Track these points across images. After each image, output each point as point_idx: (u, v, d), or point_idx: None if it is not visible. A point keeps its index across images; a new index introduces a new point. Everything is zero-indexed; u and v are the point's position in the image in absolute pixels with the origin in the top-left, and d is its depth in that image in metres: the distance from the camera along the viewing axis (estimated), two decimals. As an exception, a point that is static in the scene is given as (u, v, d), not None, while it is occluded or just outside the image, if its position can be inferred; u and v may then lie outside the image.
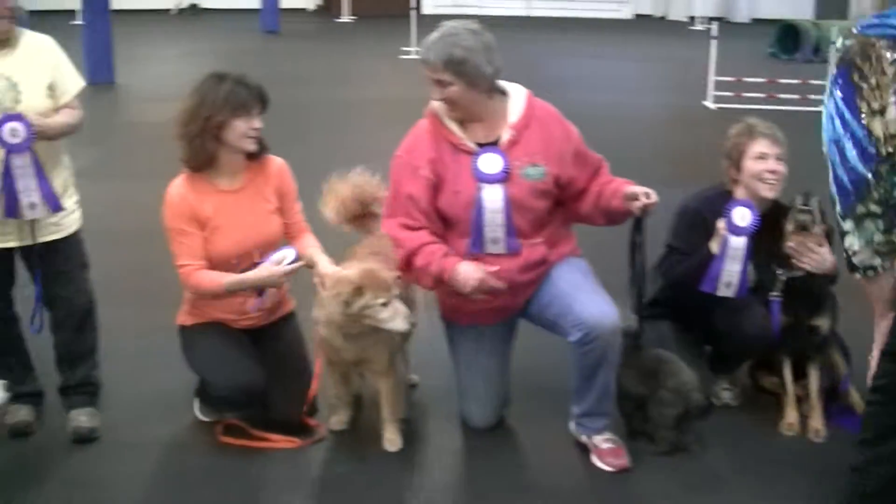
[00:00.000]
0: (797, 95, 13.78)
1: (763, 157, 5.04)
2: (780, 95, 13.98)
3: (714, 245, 4.92)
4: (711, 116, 13.96)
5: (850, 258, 3.55)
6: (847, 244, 3.53)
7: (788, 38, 20.58)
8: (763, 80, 14.83)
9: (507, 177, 4.63)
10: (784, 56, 20.27)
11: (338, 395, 5.03)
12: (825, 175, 3.57)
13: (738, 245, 4.85)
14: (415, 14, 19.97)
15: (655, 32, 25.93)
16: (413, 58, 19.21)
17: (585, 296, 4.64)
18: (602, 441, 4.76)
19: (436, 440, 5.08)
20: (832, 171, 3.50)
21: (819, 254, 4.89)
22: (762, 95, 14.06)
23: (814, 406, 5.05)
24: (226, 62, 19.34)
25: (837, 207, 3.53)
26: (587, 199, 4.81)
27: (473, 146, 4.67)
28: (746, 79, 14.86)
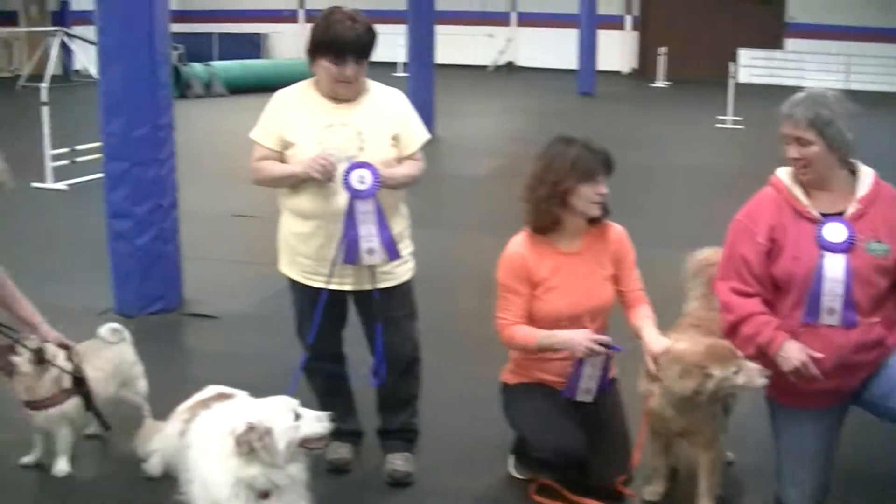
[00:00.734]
0: None
1: None
2: None
3: None
4: None
5: None
6: None
7: None
8: None
9: (851, 248, 4.48)
10: None
11: (655, 466, 4.97)
12: None
13: None
14: (732, 82, 19.72)
15: None
16: (730, 127, 18.97)
17: None
18: None
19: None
20: None
21: None
22: None
23: None
24: (541, 121, 19.74)
25: None
26: None
27: (818, 215, 4.55)
28: None
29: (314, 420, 4.33)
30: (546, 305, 4.79)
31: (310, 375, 5.17)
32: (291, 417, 4.29)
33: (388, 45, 4.80)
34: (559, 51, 30.50)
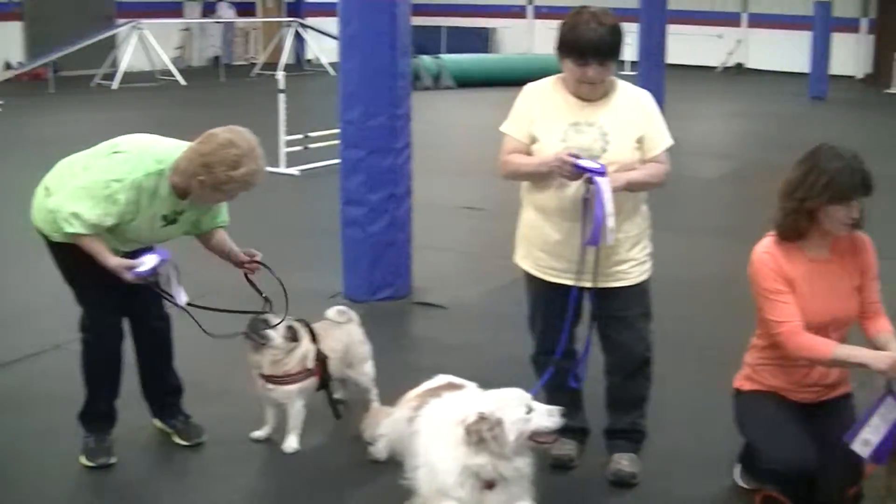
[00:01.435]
0: None
1: None
2: None
3: None
4: None
5: None
6: None
7: None
8: None
9: None
10: None
11: (888, 486, 4.77)
12: None
13: None
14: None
15: None
16: (973, 135, 18.14)
17: None
18: None
19: None
20: None
21: None
22: None
23: None
24: (771, 125, 19.31)
25: None
26: None
27: None
28: None
29: (545, 414, 4.33)
30: None
31: (539, 369, 5.15)
32: (523, 410, 4.30)
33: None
34: (790, 53, 29.76)
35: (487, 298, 8.00)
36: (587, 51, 4.64)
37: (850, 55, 29.92)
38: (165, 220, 4.93)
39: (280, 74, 14.20)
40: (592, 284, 4.87)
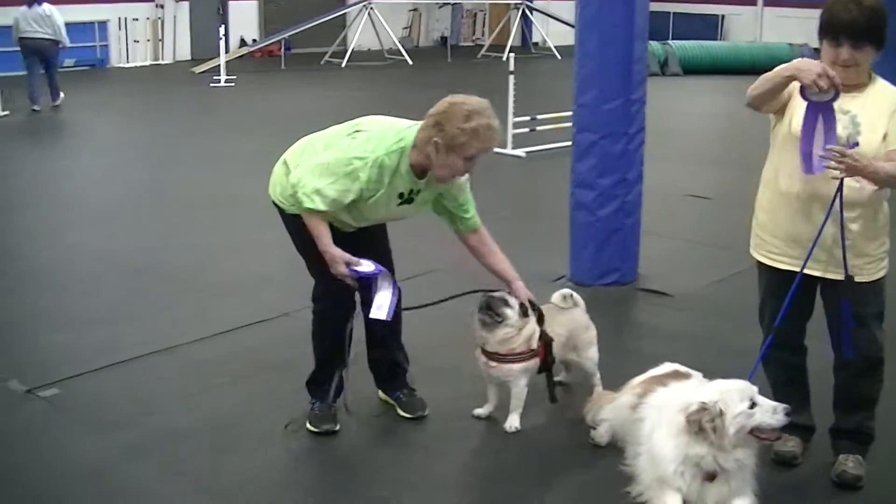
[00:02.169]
0: None
1: None
2: None
3: None
4: None
5: None
6: None
7: None
8: None
9: None
10: None
11: None
12: None
13: None
14: None
15: None
16: None
17: None
18: None
19: None
20: None
21: None
22: None
23: None
24: None
25: None
26: None
27: None
28: None
29: (769, 411, 4.28)
30: None
31: (767, 364, 5.07)
32: (747, 404, 4.26)
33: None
34: None
35: (713, 288, 7.91)
36: (840, 31, 4.56)
37: None
38: (401, 199, 5.05)
39: (509, 56, 14.31)
40: (822, 274, 4.76)
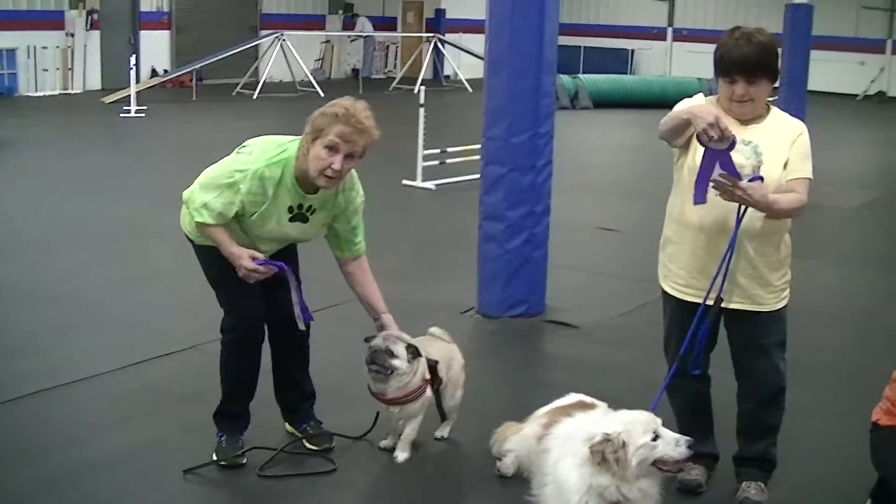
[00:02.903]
0: None
1: None
2: None
3: None
4: None
5: None
6: None
7: None
8: None
9: None
10: None
11: None
12: None
13: None
14: None
15: None
16: None
17: None
18: None
19: None
20: None
21: None
22: None
23: None
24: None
25: None
26: None
27: None
28: None
29: (672, 443, 4.32)
30: None
31: (672, 393, 5.11)
32: (650, 436, 4.30)
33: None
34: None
35: (621, 319, 7.97)
36: (733, 68, 4.66)
37: None
38: (291, 213, 5.03)
39: (420, 88, 14.36)
40: (724, 304, 4.83)
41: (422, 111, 13.57)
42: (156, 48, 26.99)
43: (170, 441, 5.49)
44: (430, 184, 13.36)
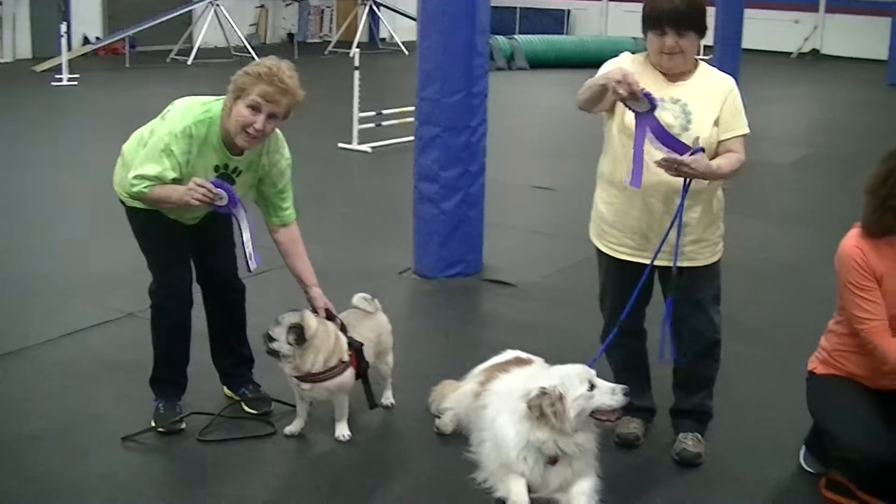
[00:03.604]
0: None
1: None
2: None
3: None
4: None
5: None
6: None
7: None
8: None
9: None
10: None
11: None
12: None
13: None
14: None
15: None
16: None
17: None
18: None
19: None
20: None
21: None
22: None
23: None
24: (847, 112, 19.13)
25: None
26: None
27: None
28: None
29: (608, 392, 4.37)
30: None
31: (609, 350, 5.13)
32: (586, 387, 4.34)
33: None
34: (868, 40, 29.34)
35: (556, 277, 8.00)
36: (663, 20, 4.67)
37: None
38: (218, 173, 4.96)
39: (355, 52, 14.28)
40: (659, 262, 4.85)
41: (356, 74, 13.49)
42: (87, 15, 26.53)
43: (108, 410, 5.43)
44: (367, 146, 13.30)
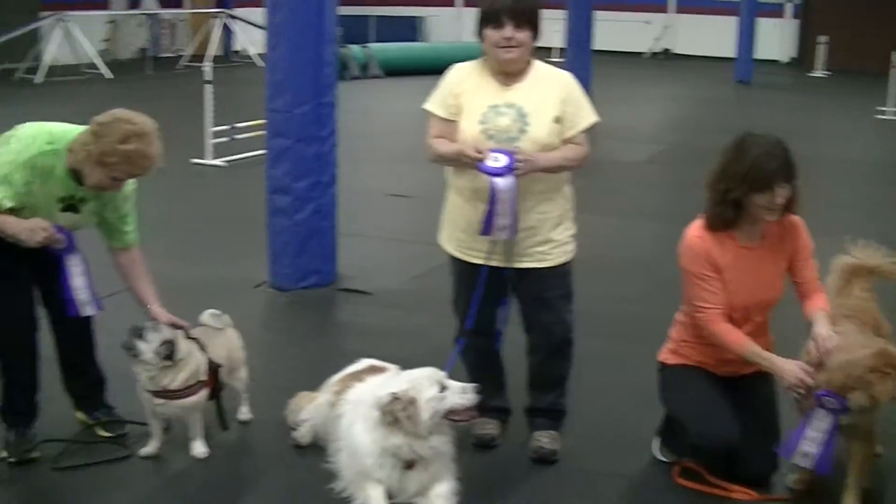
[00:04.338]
0: None
1: None
2: None
3: None
4: None
5: None
6: None
7: None
8: None
9: None
10: None
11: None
12: None
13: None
14: (895, 73, 19.13)
15: None
16: (890, 118, 18.50)
17: None
18: None
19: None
20: None
21: None
22: None
23: None
24: (697, 109, 19.59)
25: None
26: None
27: None
28: None
29: (459, 391, 4.41)
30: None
31: (463, 351, 5.18)
32: (437, 389, 4.38)
33: (545, 31, 4.86)
34: (717, 38, 30.05)
35: (412, 284, 8.05)
36: (501, 13, 4.73)
37: (776, 40, 30.31)
38: (63, 204, 4.86)
39: (207, 65, 14.11)
40: (506, 264, 4.93)
41: (208, 88, 13.33)
42: (-74, 34, 25.80)
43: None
44: (221, 161, 13.16)
